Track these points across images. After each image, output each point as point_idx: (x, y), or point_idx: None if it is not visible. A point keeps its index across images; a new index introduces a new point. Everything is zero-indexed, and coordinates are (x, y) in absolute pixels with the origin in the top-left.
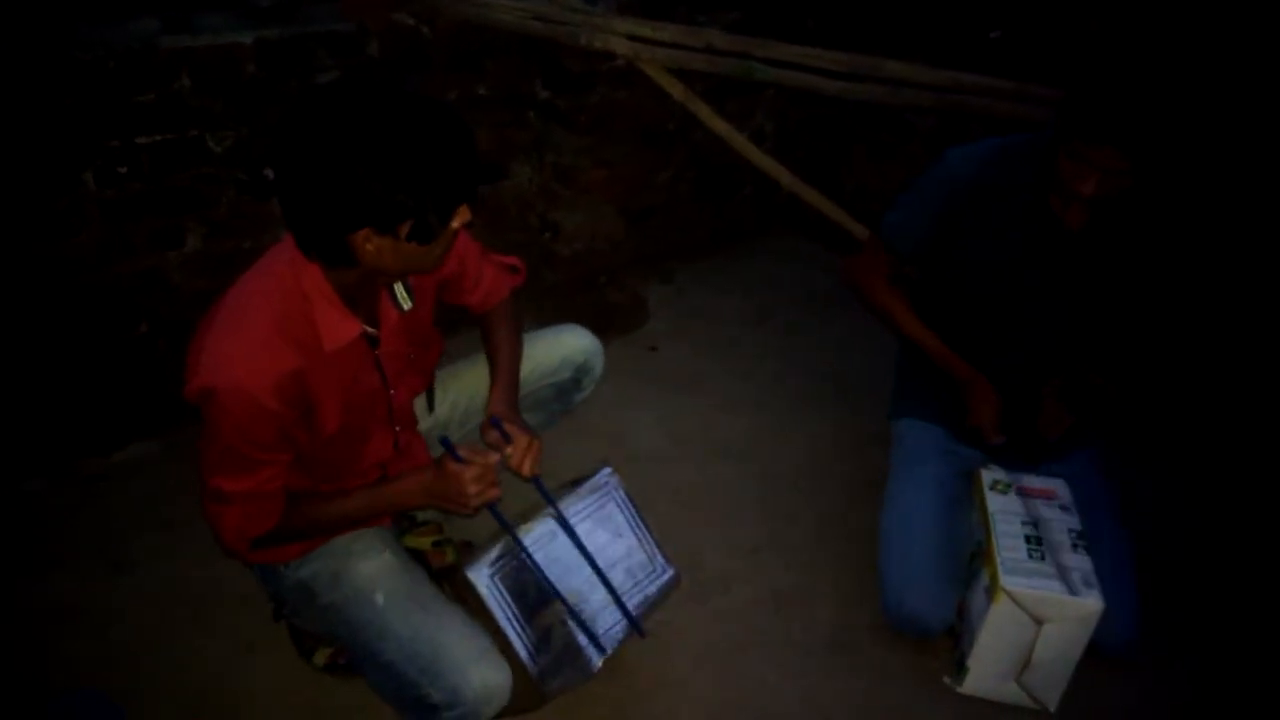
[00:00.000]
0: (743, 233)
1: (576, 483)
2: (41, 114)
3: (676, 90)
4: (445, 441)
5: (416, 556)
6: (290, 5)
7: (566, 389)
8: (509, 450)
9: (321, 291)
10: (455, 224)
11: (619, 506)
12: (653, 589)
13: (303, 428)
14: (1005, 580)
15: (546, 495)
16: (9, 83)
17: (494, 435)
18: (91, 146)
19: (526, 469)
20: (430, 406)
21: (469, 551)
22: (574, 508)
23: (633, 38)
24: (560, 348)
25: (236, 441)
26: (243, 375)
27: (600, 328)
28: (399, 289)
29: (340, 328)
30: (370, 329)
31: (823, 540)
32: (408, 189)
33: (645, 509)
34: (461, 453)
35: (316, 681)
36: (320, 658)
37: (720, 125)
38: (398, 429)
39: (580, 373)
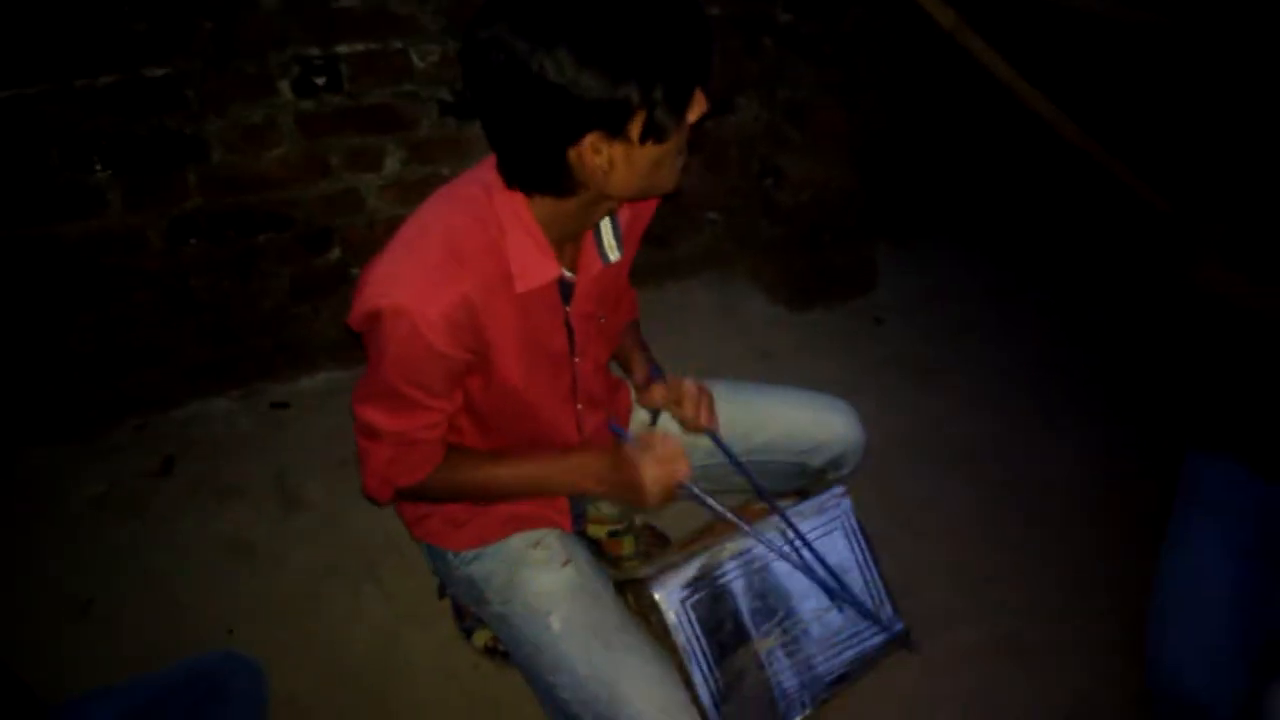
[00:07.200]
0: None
1: (801, 496)
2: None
3: (946, 18)
4: (614, 427)
5: (591, 546)
6: None
7: (809, 474)
8: (679, 403)
9: (521, 221)
10: (691, 116)
11: (847, 535)
12: (873, 644)
13: (477, 373)
14: None
15: (764, 493)
16: None
17: (657, 390)
18: (288, 53)
19: (704, 420)
20: (653, 421)
21: (658, 546)
22: (799, 527)
23: None
24: (823, 429)
25: (396, 376)
26: (408, 300)
27: (819, 291)
28: (607, 234)
29: (537, 265)
30: (569, 275)
31: (1074, 579)
32: (636, 72)
33: None
34: (633, 436)
35: (474, 665)
36: (481, 638)
37: (995, 61)
38: (580, 407)
39: (831, 466)
